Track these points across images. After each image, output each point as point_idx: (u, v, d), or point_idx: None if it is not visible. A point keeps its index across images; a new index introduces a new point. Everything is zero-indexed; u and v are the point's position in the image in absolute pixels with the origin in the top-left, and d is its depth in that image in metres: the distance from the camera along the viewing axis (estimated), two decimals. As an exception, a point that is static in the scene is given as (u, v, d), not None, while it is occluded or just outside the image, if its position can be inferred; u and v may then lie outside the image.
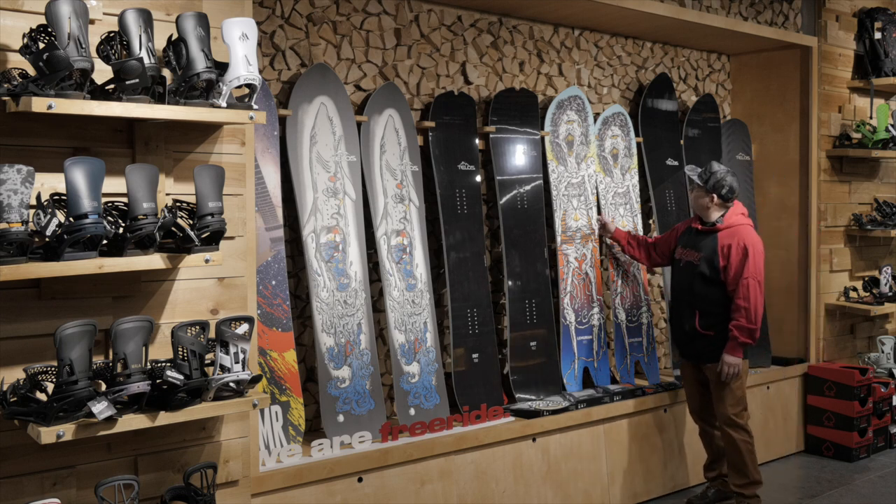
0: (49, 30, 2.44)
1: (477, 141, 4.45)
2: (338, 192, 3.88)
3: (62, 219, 2.49)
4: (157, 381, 2.63)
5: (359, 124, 3.99)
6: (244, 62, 2.76)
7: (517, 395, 4.44)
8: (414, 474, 3.77)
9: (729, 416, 4.34)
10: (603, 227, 4.86)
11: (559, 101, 4.83)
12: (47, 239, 2.46)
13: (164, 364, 2.67)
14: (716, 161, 4.45)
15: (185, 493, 2.79)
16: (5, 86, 2.41)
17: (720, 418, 4.40)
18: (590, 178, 4.91)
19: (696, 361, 4.46)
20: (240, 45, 2.77)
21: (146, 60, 2.57)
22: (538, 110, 4.71)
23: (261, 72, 3.30)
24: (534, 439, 4.20)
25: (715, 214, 4.39)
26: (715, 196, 4.35)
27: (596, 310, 4.85)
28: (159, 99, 2.64)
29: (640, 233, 5.11)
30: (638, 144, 5.21)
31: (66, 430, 2.43)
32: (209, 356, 2.79)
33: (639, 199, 5.16)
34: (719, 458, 4.59)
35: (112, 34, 2.59)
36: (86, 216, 2.44)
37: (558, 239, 4.74)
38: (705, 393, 4.52)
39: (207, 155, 3.00)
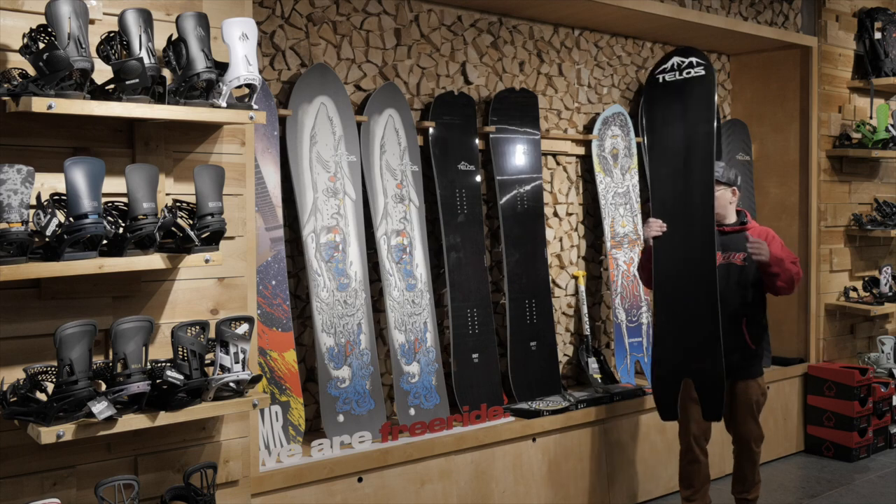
0: (49, 30, 2.44)
1: (477, 141, 4.45)
2: (338, 192, 3.88)
3: (62, 219, 2.49)
4: (157, 381, 2.63)
5: (359, 124, 3.99)
6: (244, 62, 2.76)
7: (517, 395, 4.44)
8: (414, 474, 3.77)
9: (760, 433, 4.13)
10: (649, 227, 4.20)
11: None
12: (47, 239, 2.46)
13: (164, 364, 2.67)
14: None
15: (185, 493, 2.79)
16: (5, 86, 2.41)
17: (748, 436, 4.11)
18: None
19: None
20: (240, 45, 2.77)
21: (146, 60, 2.57)
22: (538, 110, 4.71)
23: (261, 72, 3.29)
24: (534, 439, 4.20)
25: (733, 210, 4.14)
26: (735, 188, 4.11)
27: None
28: (159, 99, 2.64)
29: (640, 232, 5.11)
30: (638, 144, 5.21)
31: (66, 430, 2.43)
32: (209, 356, 2.79)
33: (639, 199, 5.16)
34: (704, 486, 4.13)
35: (112, 34, 2.59)
36: (86, 216, 2.44)
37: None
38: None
39: (207, 155, 2.99)
